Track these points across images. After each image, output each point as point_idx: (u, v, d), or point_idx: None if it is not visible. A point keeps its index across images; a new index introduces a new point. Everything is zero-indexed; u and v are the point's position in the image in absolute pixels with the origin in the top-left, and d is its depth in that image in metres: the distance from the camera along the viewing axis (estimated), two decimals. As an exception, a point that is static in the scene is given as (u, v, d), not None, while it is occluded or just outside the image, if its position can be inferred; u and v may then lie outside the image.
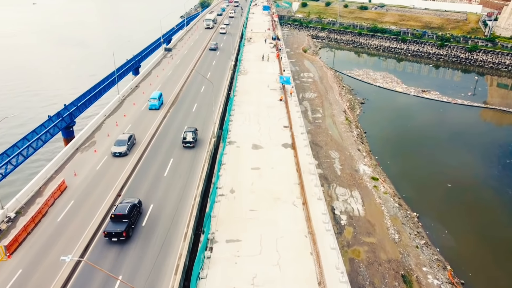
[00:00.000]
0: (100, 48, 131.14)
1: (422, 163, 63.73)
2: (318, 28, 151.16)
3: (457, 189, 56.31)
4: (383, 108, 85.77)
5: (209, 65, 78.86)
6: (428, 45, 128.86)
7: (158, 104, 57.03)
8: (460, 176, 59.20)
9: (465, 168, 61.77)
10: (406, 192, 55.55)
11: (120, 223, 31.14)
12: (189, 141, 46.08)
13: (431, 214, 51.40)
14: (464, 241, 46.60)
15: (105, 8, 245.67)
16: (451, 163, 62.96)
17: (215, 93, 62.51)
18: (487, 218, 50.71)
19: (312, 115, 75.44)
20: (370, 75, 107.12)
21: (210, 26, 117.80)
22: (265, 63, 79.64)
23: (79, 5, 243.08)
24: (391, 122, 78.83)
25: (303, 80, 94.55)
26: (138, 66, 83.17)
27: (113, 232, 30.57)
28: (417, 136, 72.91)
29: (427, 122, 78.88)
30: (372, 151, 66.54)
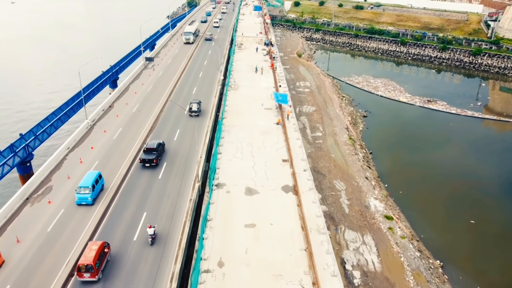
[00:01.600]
0: (80, 52, 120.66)
1: (438, 192, 55.58)
2: (312, 29, 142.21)
3: (482, 225, 48.27)
4: (388, 122, 77.46)
5: (195, 78, 69.54)
6: (429, 48, 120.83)
7: (91, 197, 34.40)
8: (485, 209, 51.16)
9: (491, 198, 53.70)
10: (425, 231, 47.28)
11: (151, 153, 41.00)
12: None
13: (457, 261, 43.23)
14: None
15: (86, 7, 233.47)
16: (473, 193, 54.91)
17: (201, 117, 53.49)
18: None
19: (312, 134, 66.78)
20: (370, 82, 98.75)
21: (191, 41, 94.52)
22: (258, 76, 70.62)
23: (59, 4, 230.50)
24: (398, 139, 70.56)
25: (299, 90, 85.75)
26: (116, 78, 73.61)
27: (147, 159, 40.51)
28: (429, 156, 64.75)
29: (437, 139, 70.73)
30: (380, 178, 58.15)
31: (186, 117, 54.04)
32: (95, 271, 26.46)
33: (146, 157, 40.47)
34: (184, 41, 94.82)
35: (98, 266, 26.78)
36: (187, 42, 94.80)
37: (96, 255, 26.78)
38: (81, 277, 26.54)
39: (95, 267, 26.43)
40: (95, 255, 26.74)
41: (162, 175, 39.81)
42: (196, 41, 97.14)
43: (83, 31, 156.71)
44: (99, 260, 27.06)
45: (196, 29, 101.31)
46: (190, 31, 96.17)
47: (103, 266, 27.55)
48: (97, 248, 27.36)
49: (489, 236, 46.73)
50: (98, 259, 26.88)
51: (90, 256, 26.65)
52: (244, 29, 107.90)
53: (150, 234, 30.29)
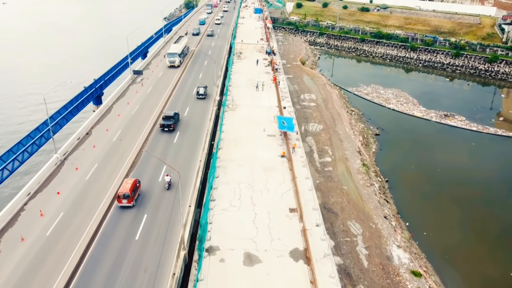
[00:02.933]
0: (65, 62, 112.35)
1: (467, 231, 47.56)
2: (316, 33, 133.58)
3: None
4: (403, 142, 69.18)
5: (188, 96, 61.05)
6: (441, 54, 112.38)
7: None
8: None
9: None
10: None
11: (169, 120, 47.99)
12: None
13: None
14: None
15: (81, 8, 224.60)
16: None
17: (192, 148, 45.33)
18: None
19: (320, 159, 58.54)
20: (380, 93, 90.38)
21: (176, 64, 73.46)
22: (260, 92, 62.29)
23: (54, 5, 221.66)
24: (415, 163, 62.32)
25: (304, 104, 77.42)
26: (101, 94, 65.28)
27: (165, 125, 47.82)
28: (451, 185, 56.53)
29: (460, 163, 62.49)
30: (400, 214, 50.00)
31: (177, 146, 45.89)
32: (131, 198, 33.88)
33: (165, 122, 48.44)
34: (168, 64, 73.52)
35: (133, 195, 34.06)
36: (172, 65, 73.48)
37: (131, 187, 34.11)
38: (120, 203, 33.97)
39: (131, 195, 33.80)
40: (131, 186, 34.08)
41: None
42: (184, 62, 77.73)
43: (73, 34, 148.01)
44: (134, 191, 34.38)
45: (185, 47, 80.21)
46: (175, 52, 73.94)
47: (136, 196, 35.07)
48: (131, 182, 34.74)
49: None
50: (133, 190, 34.17)
51: (127, 187, 34.10)
52: (244, 35, 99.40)
53: (167, 181, 37.58)
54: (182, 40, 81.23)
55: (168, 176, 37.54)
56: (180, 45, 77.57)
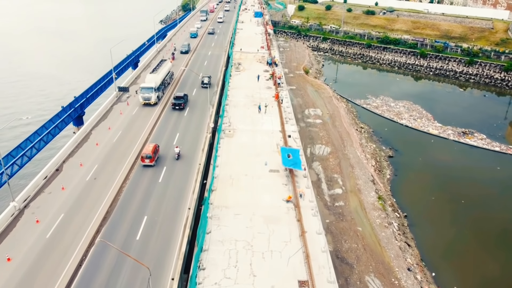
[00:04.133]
0: (51, 65, 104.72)
1: (508, 278, 40.12)
2: (319, 38, 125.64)
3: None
4: (419, 165, 61.49)
5: (178, 119, 53.27)
6: (454, 61, 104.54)
7: None
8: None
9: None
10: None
11: (179, 99, 56.39)
12: None
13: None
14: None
15: (76, 10, 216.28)
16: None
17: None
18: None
19: (329, 191, 50.86)
20: (390, 106, 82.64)
21: (152, 101, 56.60)
22: (261, 114, 54.49)
23: (49, 7, 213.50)
24: (435, 191, 54.62)
25: (309, 121, 69.68)
26: (81, 114, 57.63)
27: (177, 104, 56.00)
28: (480, 221, 49.06)
29: (486, 191, 54.75)
30: (424, 261, 42.47)
31: (163, 185, 38.29)
32: (152, 158, 40.82)
33: (176, 101, 55.99)
34: (141, 102, 56.47)
35: (154, 156, 40.92)
36: (146, 101, 56.26)
37: (152, 149, 41.08)
38: (143, 162, 40.77)
39: (153, 155, 40.80)
40: (152, 149, 41.08)
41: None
42: (162, 99, 59.91)
43: (64, 38, 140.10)
44: (154, 153, 41.17)
45: (166, 75, 63.26)
46: (150, 86, 56.13)
47: (156, 157, 41.67)
48: (153, 146, 41.73)
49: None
50: (153, 152, 41.00)
51: (149, 149, 41.17)
52: (243, 42, 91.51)
53: (177, 152, 42.88)
54: (162, 67, 62.66)
55: (178, 148, 43.64)
56: (158, 75, 59.28)
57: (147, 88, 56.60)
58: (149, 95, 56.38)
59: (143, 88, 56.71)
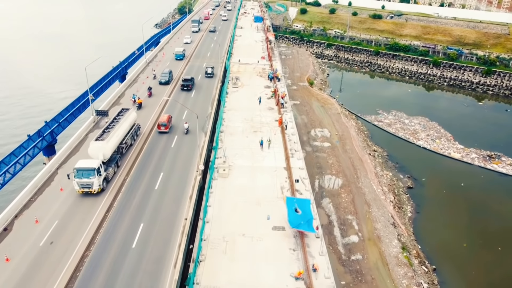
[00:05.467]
0: (34, 76, 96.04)
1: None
2: (323, 44, 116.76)
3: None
4: (444, 199, 52.79)
5: (163, 154, 44.48)
6: (469, 71, 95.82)
7: None
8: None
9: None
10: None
11: (187, 81, 61.59)
12: None
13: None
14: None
15: (72, 13, 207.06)
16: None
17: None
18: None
19: (343, 238, 42.25)
20: (405, 123, 73.95)
21: (93, 189, 35.41)
22: (263, 147, 45.64)
23: (46, 10, 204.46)
24: (465, 234, 46.24)
25: (316, 145, 60.99)
26: (53, 142, 48.96)
27: (185, 85, 61.52)
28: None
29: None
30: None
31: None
32: (167, 126, 47.92)
33: (184, 83, 61.85)
34: (78, 190, 35.59)
35: (168, 124, 48.18)
36: (86, 191, 35.64)
37: (167, 118, 48.30)
38: (159, 129, 47.72)
39: (168, 123, 48.01)
40: (167, 118, 48.22)
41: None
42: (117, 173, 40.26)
43: (55, 43, 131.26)
44: (169, 122, 48.44)
45: (124, 139, 42.69)
46: (90, 167, 35.21)
47: (170, 126, 48.72)
48: (167, 115, 49.20)
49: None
50: (168, 121, 48.24)
51: (164, 118, 48.18)
52: (242, 52, 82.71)
53: (186, 127, 48.46)
54: (120, 125, 41.35)
55: (187, 124, 48.50)
56: (109, 142, 37.97)
57: (85, 170, 34.58)
58: (89, 181, 34.60)
59: (80, 170, 34.64)
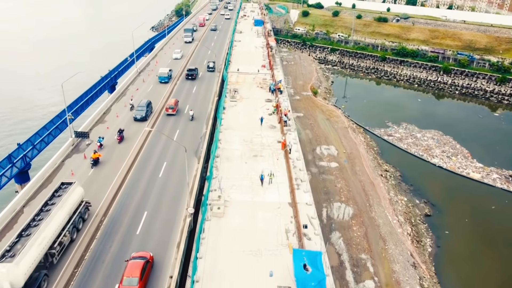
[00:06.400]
0: (23, 87, 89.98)
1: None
2: (327, 49, 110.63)
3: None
4: (467, 229, 46.77)
5: (150, 185, 38.42)
6: (482, 78, 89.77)
7: None
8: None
9: None
10: None
11: (192, 71, 66.04)
12: None
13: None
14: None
15: (67, 15, 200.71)
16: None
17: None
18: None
19: (357, 284, 36.18)
20: (417, 137, 67.89)
21: None
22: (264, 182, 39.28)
23: (44, 11, 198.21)
24: (495, 276, 40.32)
25: (322, 165, 54.88)
26: (25, 168, 42.92)
27: (190, 74, 65.86)
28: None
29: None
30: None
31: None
32: (174, 109, 52.10)
33: (189, 73, 66.32)
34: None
35: (175, 107, 52.41)
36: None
37: (174, 102, 53.06)
38: (167, 111, 51.91)
39: (175, 107, 52.30)
40: (174, 102, 52.98)
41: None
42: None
43: (46, 47, 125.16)
44: (176, 105, 52.68)
45: (67, 227, 28.70)
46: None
47: (176, 109, 52.59)
48: (174, 100, 53.75)
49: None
50: (175, 104, 52.65)
51: (172, 102, 53.01)
52: (241, 59, 76.56)
53: (191, 114, 50.97)
54: (43, 228, 26.21)
55: (192, 111, 51.52)
56: (19, 267, 23.27)
57: None
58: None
59: None
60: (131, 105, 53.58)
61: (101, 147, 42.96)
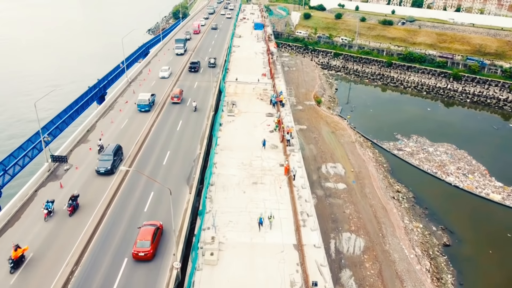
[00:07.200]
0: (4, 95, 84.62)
1: None
2: (330, 54, 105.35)
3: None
4: (491, 264, 41.68)
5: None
6: (495, 86, 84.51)
7: None
8: None
9: None
10: None
11: (195, 64, 68.52)
12: None
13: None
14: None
15: (67, 15, 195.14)
16: None
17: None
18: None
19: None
20: (429, 152, 62.65)
21: None
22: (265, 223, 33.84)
23: (38, 12, 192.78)
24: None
25: (328, 187, 49.65)
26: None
27: (192, 67, 68.17)
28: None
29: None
30: None
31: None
32: (179, 98, 55.09)
33: (192, 65, 68.61)
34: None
35: (180, 96, 55.55)
36: None
37: (179, 91, 55.99)
38: (172, 100, 54.71)
39: (180, 95, 55.46)
40: (179, 91, 55.94)
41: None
42: None
43: (34, 53, 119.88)
44: (180, 94, 55.91)
45: None
46: None
47: (181, 98, 55.79)
48: (179, 89, 56.85)
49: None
50: (180, 93, 55.73)
51: (176, 91, 55.99)
52: (240, 66, 71.28)
53: (194, 105, 52.92)
54: None
55: (195, 102, 53.36)
56: None
57: None
58: None
59: None
60: (100, 146, 41.29)
61: (50, 215, 31.35)
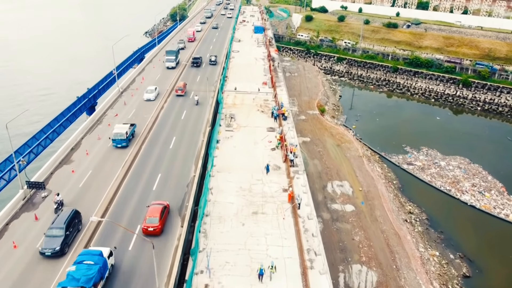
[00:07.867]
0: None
1: None
2: (333, 58, 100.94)
3: None
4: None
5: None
6: (507, 93, 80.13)
7: None
8: None
9: None
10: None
11: (197, 59, 71.46)
12: None
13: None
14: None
15: (63, 16, 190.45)
16: None
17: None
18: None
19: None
20: (441, 166, 58.31)
21: None
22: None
23: (35, 14, 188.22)
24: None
25: (335, 209, 45.30)
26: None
27: (195, 62, 71.12)
28: None
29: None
30: None
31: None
32: (183, 90, 56.90)
33: (195, 61, 71.44)
34: None
35: (184, 89, 57.09)
36: None
37: (183, 85, 57.51)
38: (177, 92, 56.88)
39: (184, 88, 57.17)
40: (183, 85, 57.44)
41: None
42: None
43: (24, 58, 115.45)
44: (184, 87, 57.51)
45: None
46: None
47: (185, 90, 57.43)
48: (183, 82, 58.15)
49: None
50: (184, 87, 57.33)
51: (180, 84, 57.58)
52: (239, 74, 66.90)
53: (196, 99, 54.17)
54: None
55: (197, 96, 54.79)
56: None
57: None
58: None
59: None
60: (57, 203, 31.71)
61: None
